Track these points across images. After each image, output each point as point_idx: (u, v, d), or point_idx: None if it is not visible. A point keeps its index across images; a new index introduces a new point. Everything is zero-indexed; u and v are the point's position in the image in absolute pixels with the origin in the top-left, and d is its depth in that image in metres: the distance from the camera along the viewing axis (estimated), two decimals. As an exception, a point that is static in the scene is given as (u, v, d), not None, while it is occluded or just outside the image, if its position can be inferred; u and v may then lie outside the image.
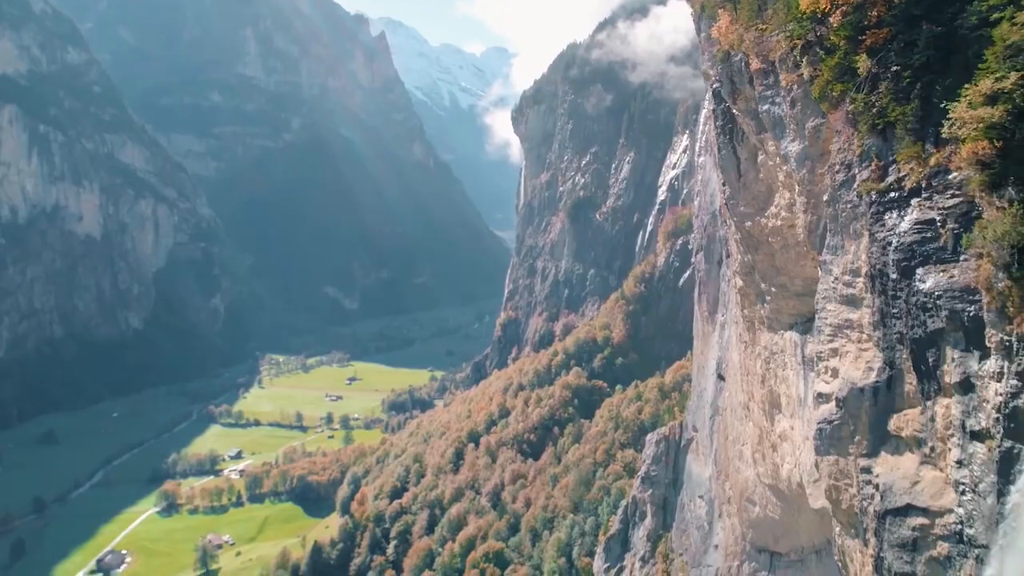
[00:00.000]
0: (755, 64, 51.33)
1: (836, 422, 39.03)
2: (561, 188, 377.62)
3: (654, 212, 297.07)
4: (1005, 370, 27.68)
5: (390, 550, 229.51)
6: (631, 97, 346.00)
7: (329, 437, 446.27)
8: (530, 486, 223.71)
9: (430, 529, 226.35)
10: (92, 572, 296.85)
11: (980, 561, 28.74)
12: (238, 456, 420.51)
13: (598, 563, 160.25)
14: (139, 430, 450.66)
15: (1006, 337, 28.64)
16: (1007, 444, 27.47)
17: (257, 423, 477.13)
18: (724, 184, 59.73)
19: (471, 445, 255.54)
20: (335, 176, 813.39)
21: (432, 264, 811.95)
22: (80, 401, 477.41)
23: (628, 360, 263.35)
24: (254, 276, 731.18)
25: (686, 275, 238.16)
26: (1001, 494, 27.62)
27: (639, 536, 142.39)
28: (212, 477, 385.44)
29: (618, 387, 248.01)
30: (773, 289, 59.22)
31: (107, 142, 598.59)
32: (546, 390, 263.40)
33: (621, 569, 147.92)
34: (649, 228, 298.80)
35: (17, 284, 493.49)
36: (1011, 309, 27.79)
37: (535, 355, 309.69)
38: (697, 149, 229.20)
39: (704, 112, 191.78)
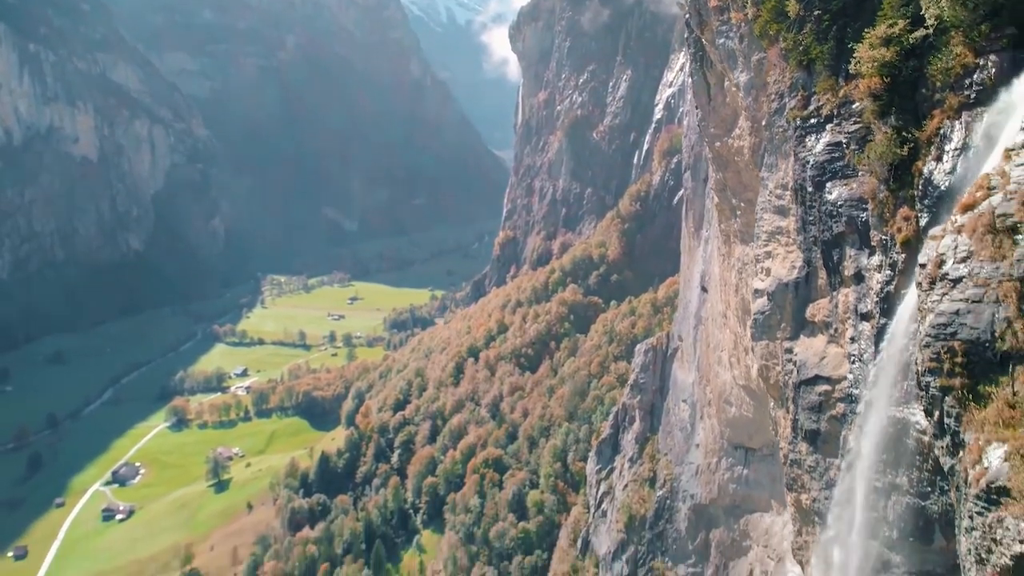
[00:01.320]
0: (713, 1, 56.54)
1: (767, 312, 45.40)
2: (559, 107, 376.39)
3: (650, 131, 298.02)
4: (883, 263, 33.57)
5: (394, 458, 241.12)
6: (628, 13, 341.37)
7: (332, 355, 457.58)
8: (527, 397, 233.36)
9: (432, 439, 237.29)
10: (108, 483, 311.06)
11: (858, 413, 35.29)
12: (244, 373, 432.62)
13: (590, 466, 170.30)
14: (145, 350, 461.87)
15: (883, 236, 34.32)
16: (882, 321, 33.53)
17: (261, 342, 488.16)
18: (697, 107, 64.29)
19: (471, 359, 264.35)
20: (331, 96, 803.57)
21: (431, 185, 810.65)
22: (85, 322, 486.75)
23: (623, 277, 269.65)
24: (252, 198, 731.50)
25: (680, 194, 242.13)
26: (873, 360, 34.12)
27: (628, 439, 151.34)
28: (219, 394, 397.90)
29: (612, 303, 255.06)
30: (742, 204, 64.45)
31: (99, 62, 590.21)
32: (543, 306, 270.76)
33: (612, 470, 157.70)
34: (645, 147, 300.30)
35: (16, 206, 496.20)
36: (887, 214, 33.64)
37: (533, 273, 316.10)
38: (688, 69, 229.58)
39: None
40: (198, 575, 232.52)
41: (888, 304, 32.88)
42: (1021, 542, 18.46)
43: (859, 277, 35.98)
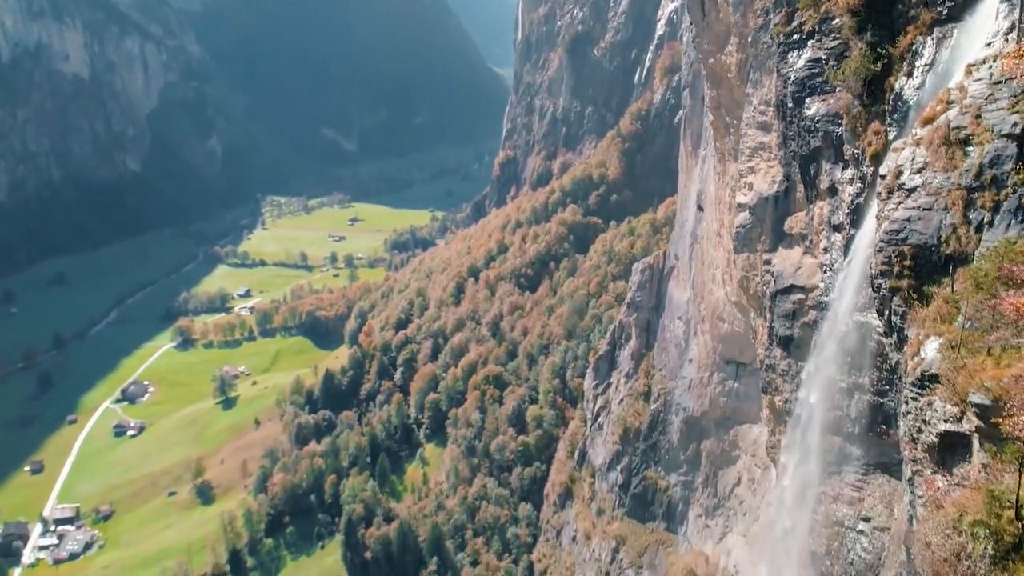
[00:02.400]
0: (701, -84, 55.86)
1: (748, 226, 46.84)
2: (559, 22, 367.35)
3: (652, 47, 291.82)
4: (854, 176, 34.75)
5: (397, 376, 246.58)
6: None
7: (334, 276, 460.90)
8: (527, 316, 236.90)
9: (434, 356, 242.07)
10: (117, 401, 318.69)
11: (826, 319, 37.31)
12: (247, 294, 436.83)
13: (588, 381, 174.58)
14: (148, 271, 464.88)
15: (855, 151, 35.32)
16: (852, 232, 34.99)
17: (263, 263, 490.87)
18: (691, 23, 63.89)
19: (471, 279, 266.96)
20: (326, 10, 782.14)
21: (430, 104, 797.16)
22: (86, 244, 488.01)
23: (622, 197, 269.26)
24: (249, 118, 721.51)
25: (681, 112, 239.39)
26: (841, 268, 35.87)
27: (624, 356, 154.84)
28: (223, 314, 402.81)
29: (612, 223, 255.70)
30: (735, 122, 64.85)
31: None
32: (543, 227, 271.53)
33: (608, 386, 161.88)
34: (647, 64, 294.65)
35: (9, 127, 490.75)
36: (860, 129, 34.59)
37: (533, 193, 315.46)
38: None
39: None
40: (210, 487, 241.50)
41: (857, 216, 34.29)
42: (946, 421, 20.38)
43: (833, 190, 37.28)
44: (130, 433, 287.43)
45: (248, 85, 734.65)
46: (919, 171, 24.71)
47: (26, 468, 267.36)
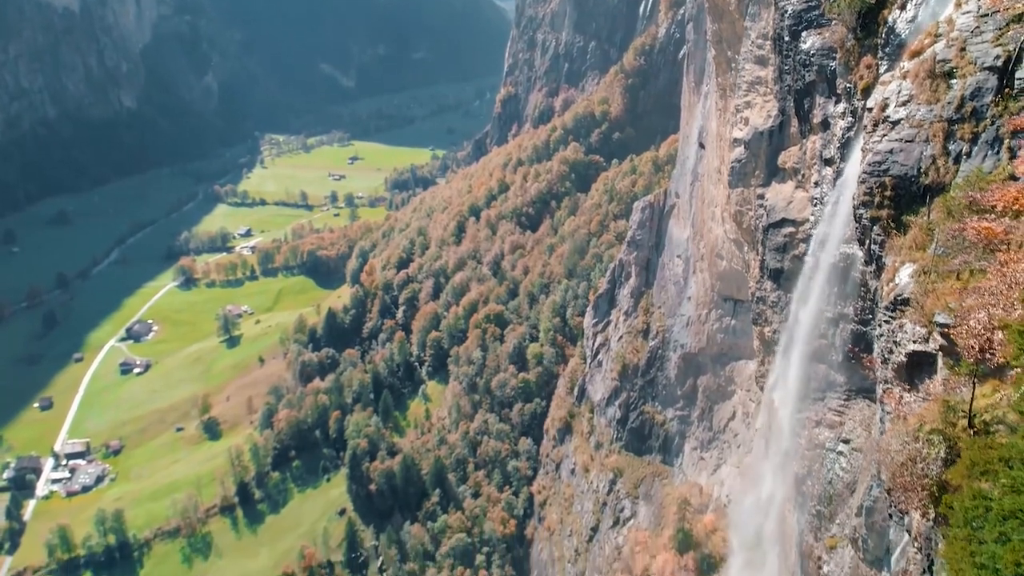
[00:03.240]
0: None
1: (743, 160, 47.24)
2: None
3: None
4: (846, 110, 35.09)
5: (399, 315, 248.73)
6: None
7: (335, 215, 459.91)
8: (528, 255, 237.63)
9: (435, 295, 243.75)
10: (123, 339, 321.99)
11: (815, 250, 38.23)
12: (248, 234, 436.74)
13: (587, 320, 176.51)
14: (148, 210, 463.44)
15: (848, 84, 35.49)
16: (842, 166, 35.56)
17: (263, 202, 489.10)
18: (694, -47, 62.87)
19: (472, 219, 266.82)
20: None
21: (430, 38, 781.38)
22: (84, 183, 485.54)
23: (625, 135, 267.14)
24: (245, 53, 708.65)
25: (685, 48, 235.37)
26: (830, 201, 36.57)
27: (624, 294, 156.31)
28: (225, 253, 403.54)
29: (614, 161, 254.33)
30: (737, 56, 64.59)
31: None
32: (544, 165, 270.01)
33: (608, 323, 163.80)
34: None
35: (1, 62, 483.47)
36: (852, 63, 34.75)
37: (534, 131, 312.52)
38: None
39: None
40: (216, 423, 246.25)
41: (847, 149, 34.78)
42: (914, 342, 21.39)
43: (825, 124, 37.64)
44: (136, 371, 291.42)
45: (243, 19, 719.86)
46: (904, 104, 25.16)
47: (35, 404, 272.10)
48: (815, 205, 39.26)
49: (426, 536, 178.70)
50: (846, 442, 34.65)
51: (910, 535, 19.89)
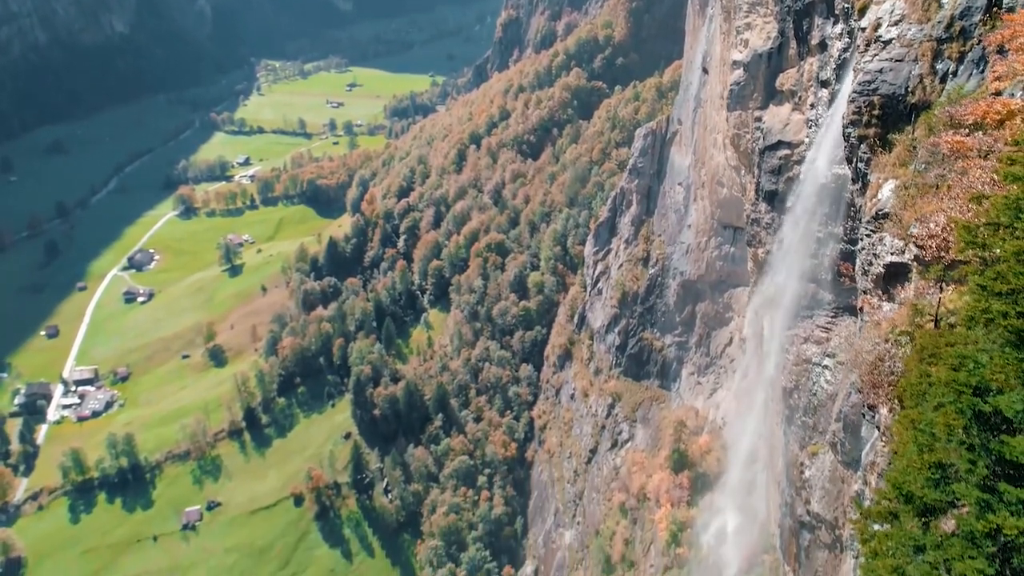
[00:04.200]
0: None
1: (742, 83, 47.29)
2: None
3: None
4: (843, 31, 35.14)
5: (400, 243, 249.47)
6: None
7: (334, 143, 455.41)
8: (529, 184, 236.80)
9: (436, 224, 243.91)
10: (125, 268, 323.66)
11: (808, 171, 38.90)
12: (246, 163, 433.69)
13: (588, 248, 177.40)
14: (145, 138, 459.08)
15: (846, 4, 35.31)
16: (837, 87, 35.86)
17: (261, 130, 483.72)
18: None
19: (473, 147, 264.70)
20: None
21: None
22: (79, 110, 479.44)
23: (628, 60, 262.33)
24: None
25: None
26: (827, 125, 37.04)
27: (625, 222, 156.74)
28: (224, 182, 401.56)
29: (617, 88, 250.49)
30: (741, -25, 63.74)
31: None
32: (546, 92, 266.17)
33: (608, 251, 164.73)
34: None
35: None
36: None
37: (536, 56, 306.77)
38: None
39: None
40: (221, 350, 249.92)
41: (843, 70, 34.97)
42: (892, 254, 22.33)
43: (823, 45, 37.66)
44: (140, 299, 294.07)
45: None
46: (896, 23, 25.40)
47: (42, 332, 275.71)
48: (810, 127, 39.69)
49: (429, 459, 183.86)
50: (831, 356, 35.97)
51: (879, 430, 21.31)
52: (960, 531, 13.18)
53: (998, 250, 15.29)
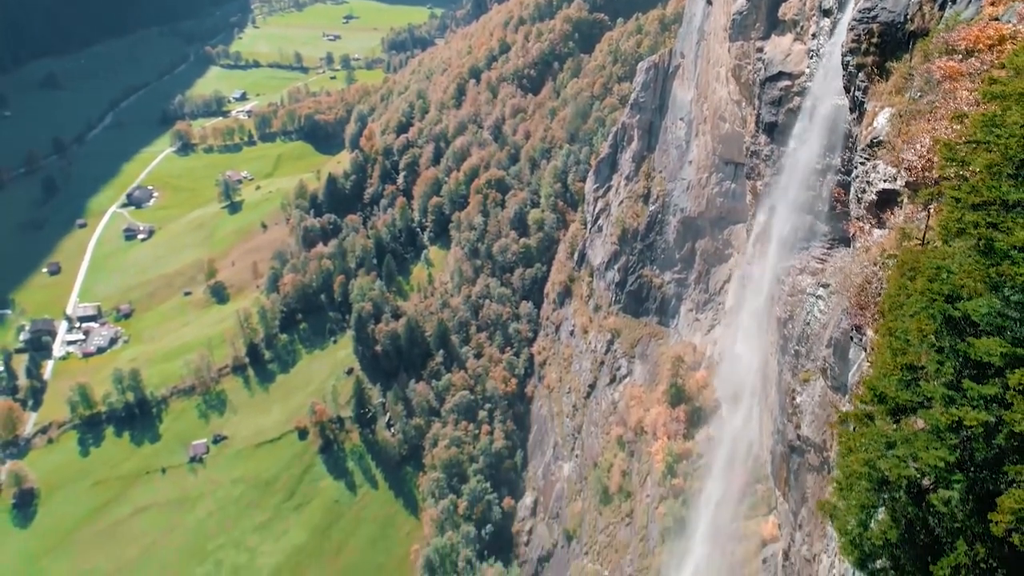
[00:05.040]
0: None
1: (745, 12, 46.73)
2: None
3: None
4: None
5: (399, 180, 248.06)
6: None
7: (331, 78, 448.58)
8: (529, 119, 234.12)
9: (436, 160, 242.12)
10: (124, 205, 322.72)
11: (808, 102, 38.80)
12: (243, 97, 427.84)
13: (589, 185, 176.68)
14: (139, 72, 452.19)
15: None
16: (839, 16, 35.53)
17: (256, 64, 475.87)
18: None
19: (472, 81, 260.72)
20: None
21: None
22: (71, 44, 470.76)
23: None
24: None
25: None
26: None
27: (626, 158, 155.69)
28: (220, 118, 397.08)
29: (619, 20, 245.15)
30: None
31: None
32: (547, 24, 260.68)
33: (609, 188, 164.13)
34: None
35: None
36: None
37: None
38: None
39: None
40: (223, 287, 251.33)
41: (844, -1, 34.66)
42: (884, 181, 22.69)
43: (827, -27, 37.22)
44: (140, 236, 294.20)
45: None
46: (898, -50, 25.18)
47: (43, 270, 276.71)
48: (811, 58, 39.41)
49: (431, 394, 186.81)
50: (825, 287, 36.48)
51: (865, 352, 22.04)
52: (927, 427, 14.03)
53: (974, 166, 15.72)
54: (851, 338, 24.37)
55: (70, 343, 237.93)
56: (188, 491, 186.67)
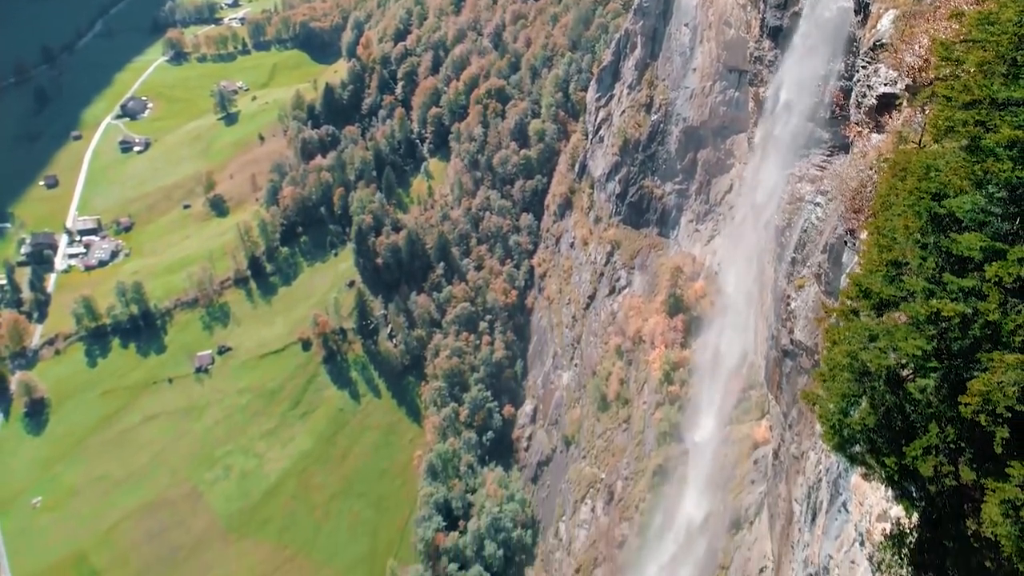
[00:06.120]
0: None
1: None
2: None
3: None
4: None
5: (398, 90, 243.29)
6: None
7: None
8: (530, 26, 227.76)
9: (435, 69, 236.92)
10: (118, 117, 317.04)
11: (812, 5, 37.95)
12: (235, 3, 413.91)
13: (590, 94, 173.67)
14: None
15: None
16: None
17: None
18: None
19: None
20: None
21: None
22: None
23: None
24: None
25: None
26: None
27: (628, 66, 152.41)
28: (213, 25, 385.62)
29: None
30: None
31: None
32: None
33: (611, 97, 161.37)
34: None
35: None
36: None
37: None
38: None
39: None
40: (222, 200, 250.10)
41: None
42: (885, 85, 22.56)
43: None
44: (136, 149, 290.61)
45: None
46: None
47: (41, 183, 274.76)
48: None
49: (432, 305, 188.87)
50: (823, 194, 36.56)
51: (858, 256, 22.42)
52: (908, 319, 14.61)
53: (967, 65, 15.73)
54: (845, 242, 24.70)
55: (71, 256, 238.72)
56: (195, 400, 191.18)
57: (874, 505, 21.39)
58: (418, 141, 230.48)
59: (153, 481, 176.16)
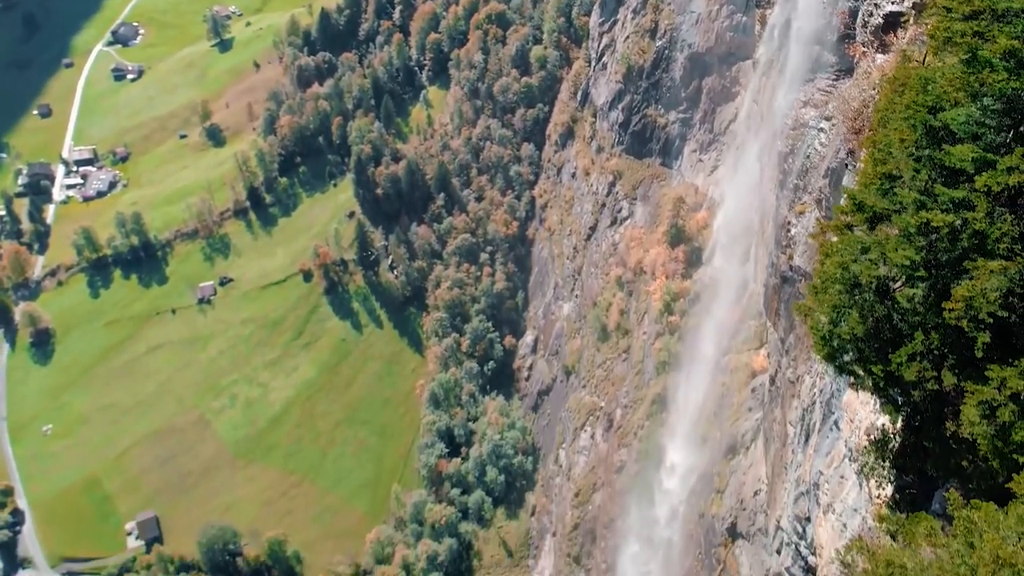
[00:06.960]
0: None
1: None
2: None
3: None
4: None
5: (396, 15, 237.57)
6: None
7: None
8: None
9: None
10: (110, 43, 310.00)
11: None
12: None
13: (594, 18, 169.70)
14: None
15: None
16: None
17: None
18: None
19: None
20: None
21: None
22: None
23: None
24: None
25: None
26: None
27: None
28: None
29: None
30: None
31: None
32: None
33: (615, 22, 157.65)
34: None
35: None
36: None
37: None
38: None
39: None
40: (218, 129, 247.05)
41: None
42: (892, 3, 22.23)
43: None
44: (130, 76, 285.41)
45: None
46: None
47: (34, 112, 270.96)
48: None
49: (432, 236, 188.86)
50: (828, 119, 36.22)
51: (857, 175, 22.44)
52: (899, 230, 14.97)
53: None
54: (846, 165, 24.70)
55: (69, 187, 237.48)
56: (199, 331, 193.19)
57: (863, 420, 22.10)
58: (417, 68, 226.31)
59: (160, 409, 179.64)
